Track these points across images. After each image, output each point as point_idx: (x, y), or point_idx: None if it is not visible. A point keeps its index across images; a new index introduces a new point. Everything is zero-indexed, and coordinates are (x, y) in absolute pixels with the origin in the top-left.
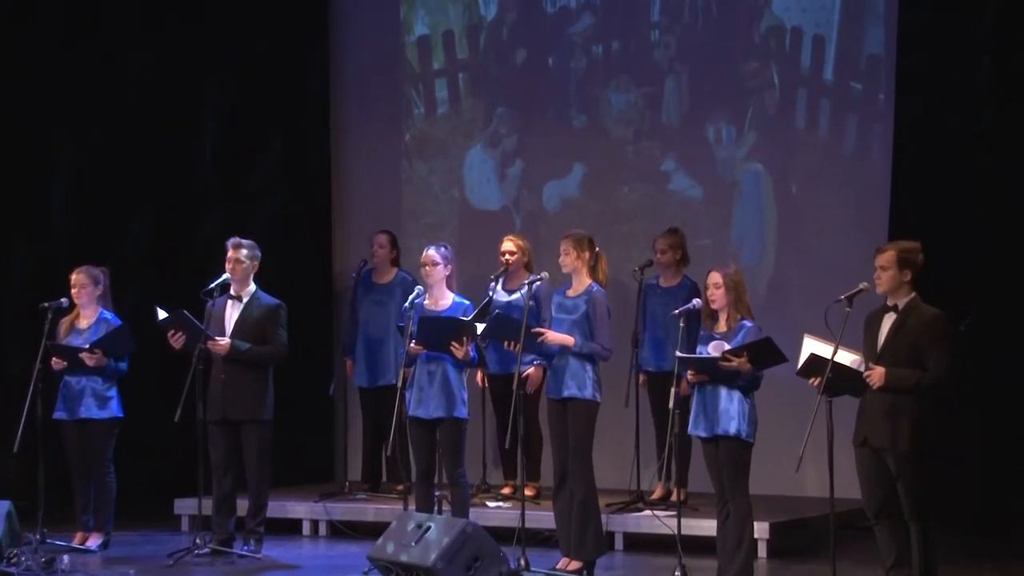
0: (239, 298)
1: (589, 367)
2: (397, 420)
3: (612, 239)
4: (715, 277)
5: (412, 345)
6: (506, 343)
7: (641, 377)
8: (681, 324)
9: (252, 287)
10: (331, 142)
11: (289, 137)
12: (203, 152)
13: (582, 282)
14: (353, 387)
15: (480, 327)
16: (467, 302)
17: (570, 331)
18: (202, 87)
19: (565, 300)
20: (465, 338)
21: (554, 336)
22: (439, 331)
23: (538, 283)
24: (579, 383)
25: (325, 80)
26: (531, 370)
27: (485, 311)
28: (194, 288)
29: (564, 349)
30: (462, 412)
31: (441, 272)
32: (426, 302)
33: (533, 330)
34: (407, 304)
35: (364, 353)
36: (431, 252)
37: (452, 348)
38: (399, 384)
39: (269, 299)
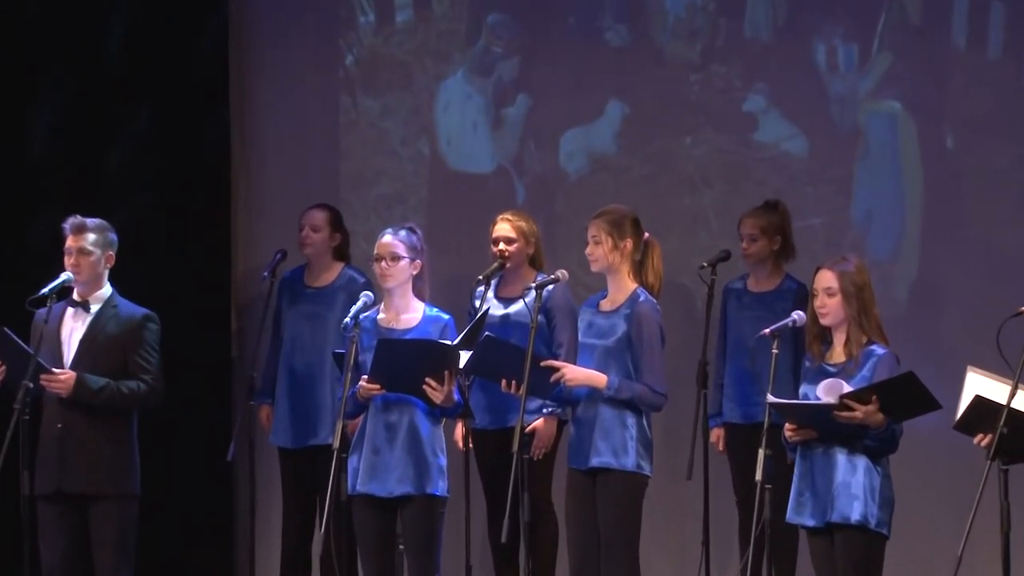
0: (85, 306)
1: (632, 420)
2: (335, 500)
3: (668, 219)
4: (827, 278)
5: (363, 383)
6: (503, 382)
7: (714, 434)
8: (774, 350)
9: (106, 290)
10: (231, 75)
11: (167, 83)
12: (37, 123)
13: (622, 287)
14: (268, 449)
15: (464, 356)
16: (445, 317)
17: (603, 365)
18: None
19: (596, 316)
20: (448, 373)
21: (578, 373)
22: (406, 362)
23: (551, 288)
24: (616, 445)
25: None
26: (540, 423)
27: (475, 332)
28: (22, 298)
29: (593, 392)
30: (438, 487)
31: (404, 270)
32: (381, 316)
33: (543, 362)
34: (349, 318)
35: (287, 396)
36: (389, 239)
37: (426, 388)
38: (335, 444)
39: (132, 308)
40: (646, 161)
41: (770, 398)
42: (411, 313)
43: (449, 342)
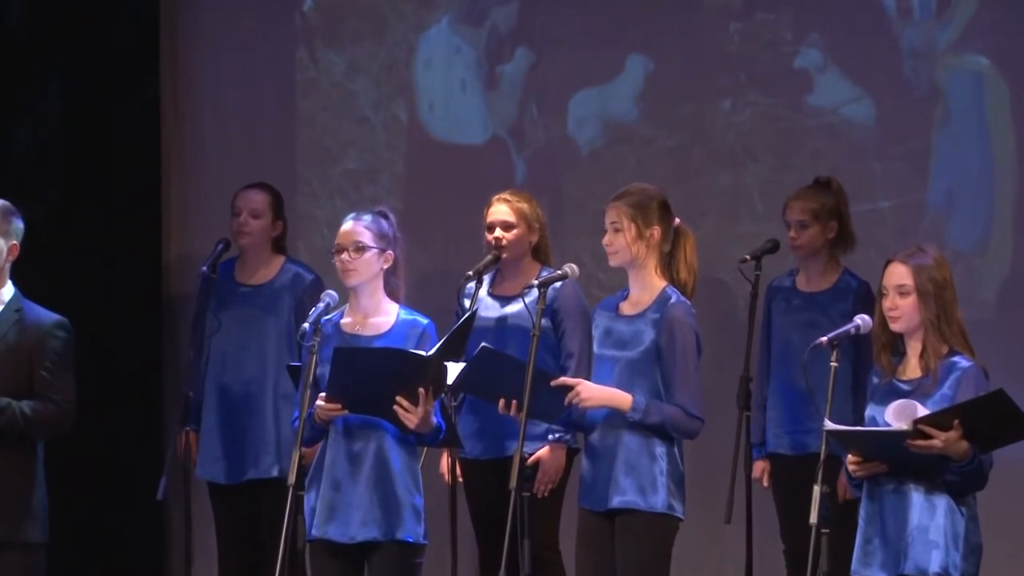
0: None
1: (661, 451)
2: (287, 546)
3: (703, 202)
4: (898, 274)
5: (321, 403)
6: (500, 403)
7: (757, 467)
8: (833, 363)
9: (8, 290)
10: (160, 30)
11: (81, 48)
12: None
13: (648, 286)
14: (199, 484)
15: (453, 370)
16: (423, 321)
17: (624, 381)
18: None
19: (616, 321)
20: (423, 391)
21: (595, 392)
22: (371, 376)
23: (558, 286)
24: (642, 482)
25: None
26: (545, 452)
27: (460, 339)
28: None
29: (614, 416)
30: (412, 533)
31: (372, 264)
32: (345, 320)
33: (553, 382)
34: (308, 324)
35: (217, 421)
36: (353, 225)
37: (399, 410)
38: (291, 478)
39: (40, 313)
40: (675, 130)
41: (828, 424)
42: (381, 316)
43: (423, 352)
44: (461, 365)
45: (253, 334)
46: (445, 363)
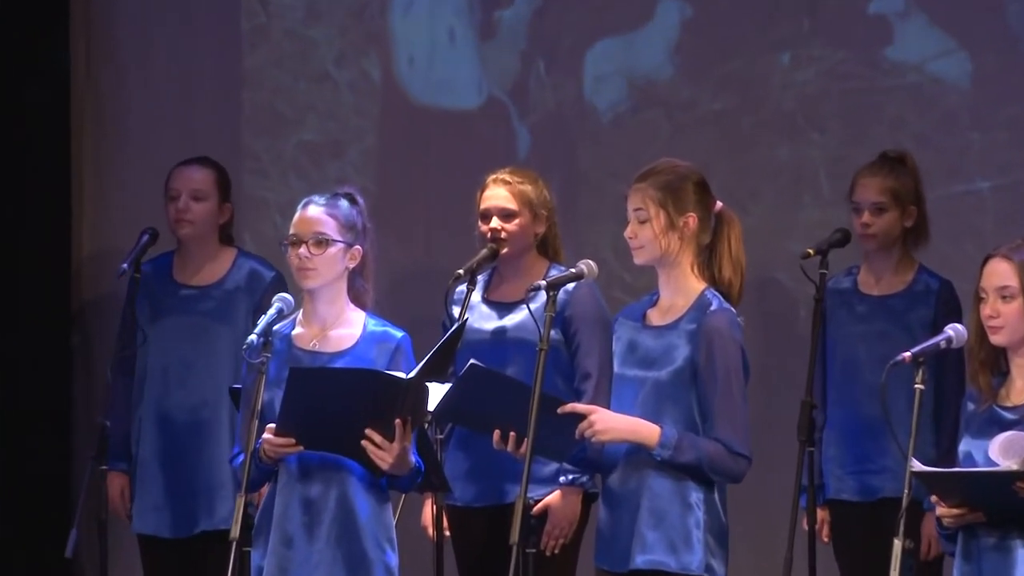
0: None
1: (697, 497)
2: None
3: (753, 182)
4: (1001, 272)
5: (269, 437)
6: (495, 435)
7: (819, 515)
8: (918, 385)
9: None
10: None
11: None
12: None
13: (683, 288)
14: (118, 537)
15: (436, 393)
16: (397, 335)
17: (652, 409)
18: None
19: (643, 333)
20: (400, 422)
21: (614, 422)
22: (334, 403)
23: (571, 289)
24: (673, 536)
25: None
26: (554, 498)
27: (447, 356)
28: None
29: (638, 453)
30: None
31: (336, 261)
32: (298, 331)
33: (561, 409)
34: (255, 335)
35: (162, 458)
36: (315, 212)
37: (368, 446)
38: (234, 531)
39: None
40: (718, 90)
41: (914, 464)
42: (344, 328)
43: (402, 374)
44: (447, 387)
45: (201, 348)
46: (427, 385)
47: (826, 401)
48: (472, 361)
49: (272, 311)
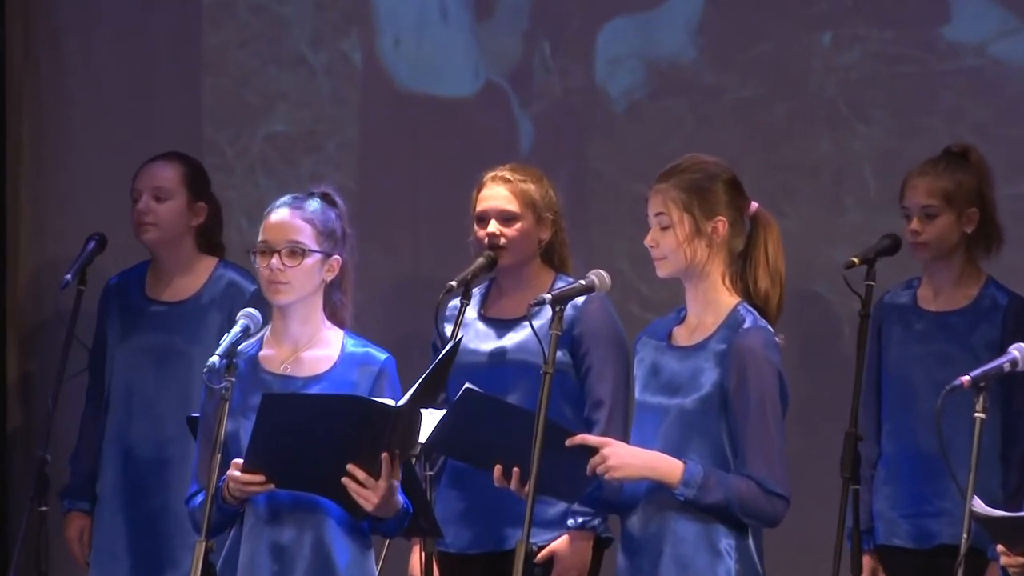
0: None
1: (728, 543)
2: None
3: (791, 180)
4: None
5: (235, 474)
6: (495, 470)
7: (867, 563)
8: (979, 414)
9: None
10: None
11: None
12: None
13: (712, 303)
14: None
15: (427, 422)
16: (381, 357)
17: (675, 441)
18: None
19: (666, 355)
20: (387, 456)
21: (631, 457)
22: (318, 436)
23: (581, 304)
24: None
25: None
26: (561, 544)
27: (437, 381)
28: None
29: (659, 492)
30: None
31: (311, 274)
32: (267, 352)
33: (570, 441)
34: (218, 356)
35: (124, 500)
36: (288, 217)
37: (350, 484)
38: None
39: None
40: (749, 75)
41: (976, 504)
42: (319, 349)
43: (391, 401)
44: (439, 415)
45: (169, 373)
46: (416, 410)
47: (880, 432)
48: (468, 385)
49: (237, 328)
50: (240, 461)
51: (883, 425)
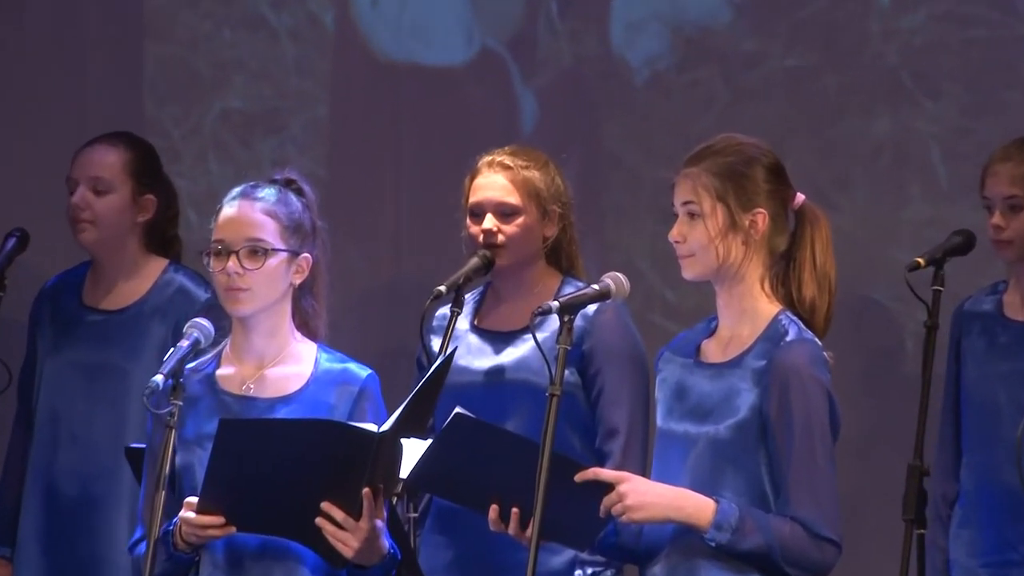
0: None
1: None
2: None
3: (842, 166)
4: None
5: (189, 516)
6: (491, 513)
7: None
8: None
9: None
10: None
11: None
12: None
13: (749, 311)
14: None
15: (410, 453)
16: (363, 374)
17: (705, 476)
18: None
19: (694, 373)
20: (368, 492)
21: (650, 496)
22: (286, 469)
23: (593, 313)
24: None
25: None
26: None
27: (425, 403)
28: None
29: (685, 536)
30: None
31: (276, 277)
32: (223, 372)
33: (580, 477)
34: (162, 375)
35: (46, 541)
36: (246, 209)
37: (325, 525)
38: None
39: None
40: (794, 41)
41: None
42: (289, 365)
43: (372, 426)
44: (425, 444)
45: (103, 394)
46: (402, 443)
47: (960, 464)
48: (458, 410)
49: (184, 342)
50: (194, 500)
51: (962, 457)
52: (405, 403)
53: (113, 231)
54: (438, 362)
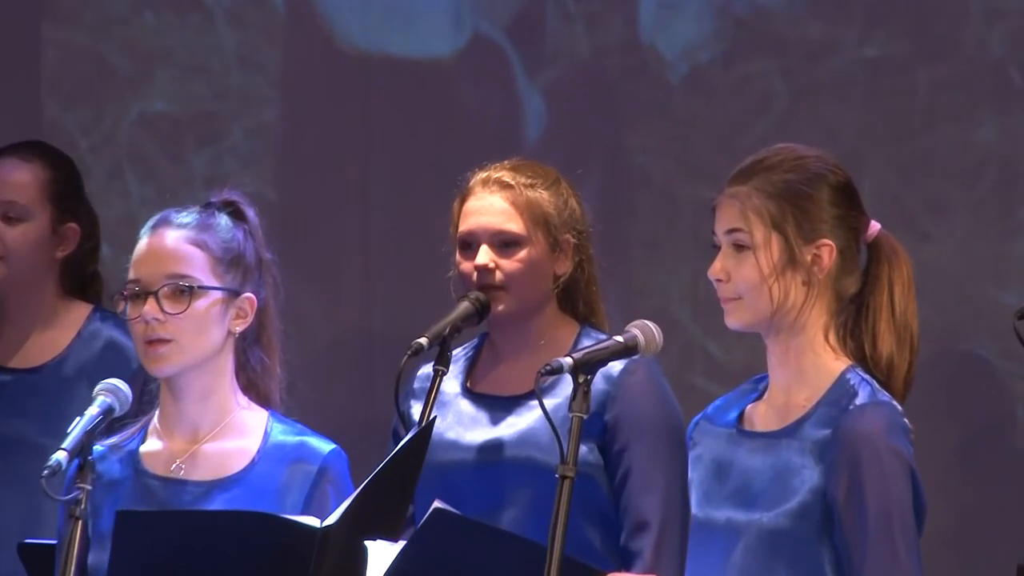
0: None
1: None
2: None
3: (931, 186)
4: None
5: None
6: None
7: None
8: None
9: None
10: None
11: None
12: None
13: (810, 368)
14: None
15: (380, 557)
16: (325, 449)
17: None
18: None
19: (740, 446)
20: None
21: None
22: (200, 572)
23: (618, 373)
24: None
25: None
26: None
27: (399, 489)
28: None
29: None
30: None
31: (211, 323)
32: (148, 449)
33: None
34: (65, 451)
35: None
36: (171, 239)
37: None
38: None
39: None
40: (871, 27)
41: None
42: (231, 438)
43: (315, 520)
44: (398, 548)
45: (12, 476)
46: (364, 543)
47: None
48: (437, 504)
49: (93, 410)
50: None
51: None
52: (361, 488)
53: (25, 269)
54: (409, 435)
